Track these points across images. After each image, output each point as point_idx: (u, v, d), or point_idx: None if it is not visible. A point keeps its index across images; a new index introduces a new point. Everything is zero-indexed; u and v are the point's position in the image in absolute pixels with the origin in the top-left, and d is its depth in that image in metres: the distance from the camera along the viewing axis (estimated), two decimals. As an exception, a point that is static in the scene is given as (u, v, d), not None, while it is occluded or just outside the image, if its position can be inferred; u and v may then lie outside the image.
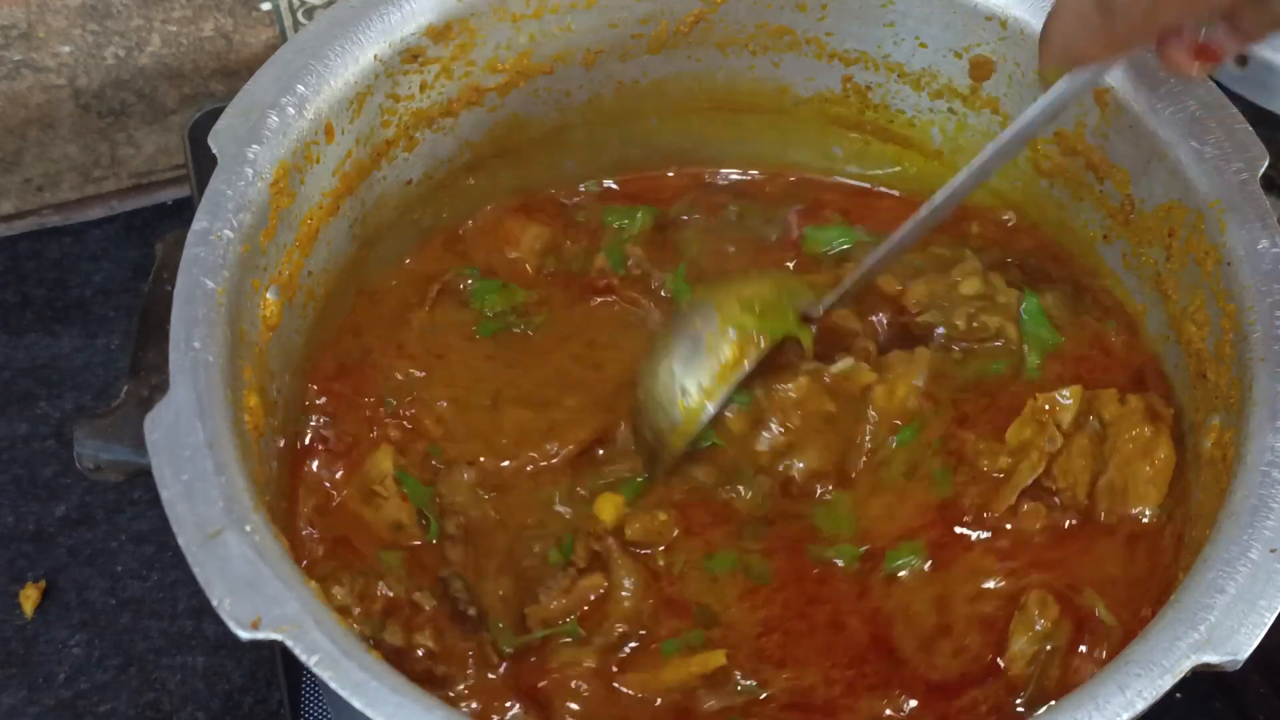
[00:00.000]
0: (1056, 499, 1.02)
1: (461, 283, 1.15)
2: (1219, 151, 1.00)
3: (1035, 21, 1.10)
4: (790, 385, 1.02)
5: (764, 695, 0.95)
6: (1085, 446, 1.02)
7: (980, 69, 1.16)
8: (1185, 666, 0.80)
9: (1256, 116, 1.09)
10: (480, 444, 1.05)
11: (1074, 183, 1.14)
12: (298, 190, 1.03)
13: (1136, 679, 0.79)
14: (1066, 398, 1.02)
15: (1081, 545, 1.00)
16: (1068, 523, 1.01)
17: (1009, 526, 1.01)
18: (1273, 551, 0.84)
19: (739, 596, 1.00)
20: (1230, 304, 0.97)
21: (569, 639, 0.96)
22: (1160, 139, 1.03)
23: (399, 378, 1.09)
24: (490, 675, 0.94)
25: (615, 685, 0.95)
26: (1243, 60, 1.25)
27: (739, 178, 1.26)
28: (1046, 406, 1.02)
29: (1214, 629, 0.81)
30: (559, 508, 1.02)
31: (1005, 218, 1.20)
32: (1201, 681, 0.83)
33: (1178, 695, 0.93)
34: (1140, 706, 0.78)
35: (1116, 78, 1.06)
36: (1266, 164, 1.00)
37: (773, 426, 1.02)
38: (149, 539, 1.28)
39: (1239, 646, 0.80)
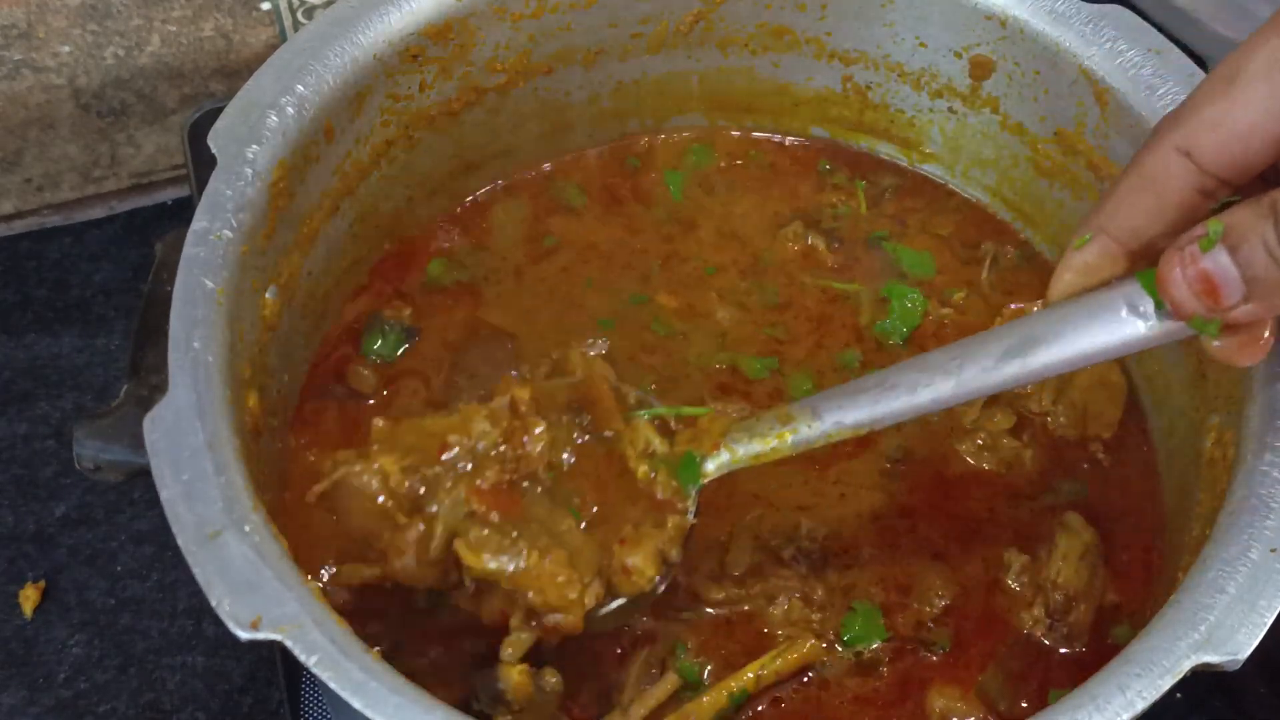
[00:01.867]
0: (1021, 412, 1.08)
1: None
2: (1219, 151, 1.00)
3: (1034, 21, 1.10)
4: None
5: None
6: None
7: (980, 68, 1.16)
8: (1185, 666, 0.80)
9: (1256, 116, 1.09)
10: None
11: (1074, 182, 1.14)
12: (297, 190, 1.03)
13: (1136, 679, 0.79)
14: (1033, 308, 1.05)
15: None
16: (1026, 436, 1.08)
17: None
18: (1273, 551, 0.84)
19: None
20: (1230, 304, 0.97)
21: None
22: (1160, 139, 1.03)
23: None
24: None
25: None
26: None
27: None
28: (1015, 306, 1.07)
29: (1214, 629, 0.81)
30: None
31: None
32: (1201, 681, 0.82)
33: (1178, 695, 0.93)
34: (1140, 706, 0.78)
35: (1116, 78, 1.06)
36: (1266, 163, 0.99)
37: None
38: (149, 539, 1.28)
39: (1239, 646, 0.80)
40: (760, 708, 0.96)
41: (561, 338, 1.11)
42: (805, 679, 0.97)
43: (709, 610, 1.00)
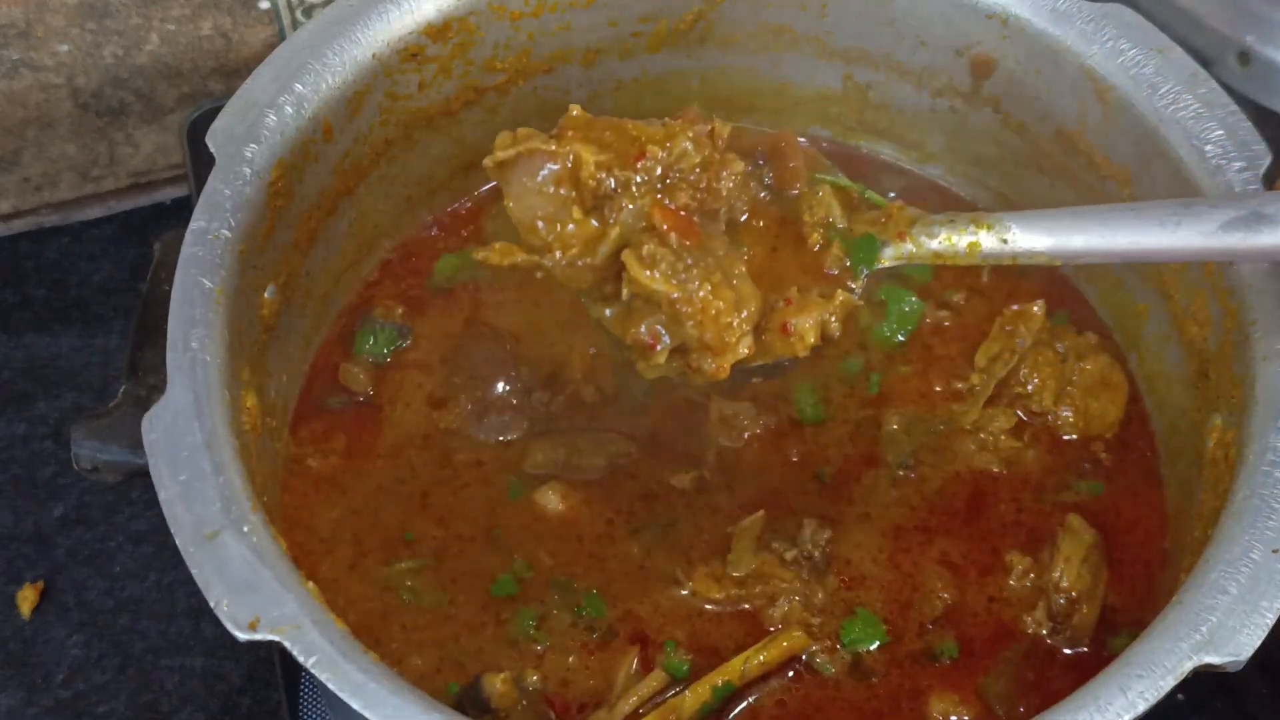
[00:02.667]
0: (1023, 413, 1.08)
1: None
2: (1221, 150, 1.00)
3: (1036, 20, 1.10)
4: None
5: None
6: (1051, 358, 1.08)
7: (981, 67, 1.15)
8: (1187, 667, 0.79)
9: (1259, 115, 1.09)
10: None
11: (1075, 182, 1.14)
12: (296, 190, 1.03)
13: (1138, 680, 0.79)
14: (1034, 309, 1.09)
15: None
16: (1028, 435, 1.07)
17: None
18: (1275, 552, 0.83)
19: None
20: (1232, 303, 0.97)
21: None
22: (1162, 137, 1.03)
23: None
24: None
25: None
26: (1245, 59, 1.25)
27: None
28: (1015, 308, 1.09)
29: (1216, 629, 0.81)
30: None
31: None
32: (1203, 682, 0.82)
33: (1180, 696, 0.93)
34: (1142, 707, 0.78)
35: (1118, 77, 1.06)
36: (1269, 163, 0.99)
37: None
38: (147, 539, 1.27)
39: (1241, 647, 0.80)
40: (752, 701, 0.96)
41: (562, 339, 1.11)
42: (790, 673, 0.96)
43: (708, 607, 0.99)
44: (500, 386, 1.08)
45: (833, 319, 0.90)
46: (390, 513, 1.03)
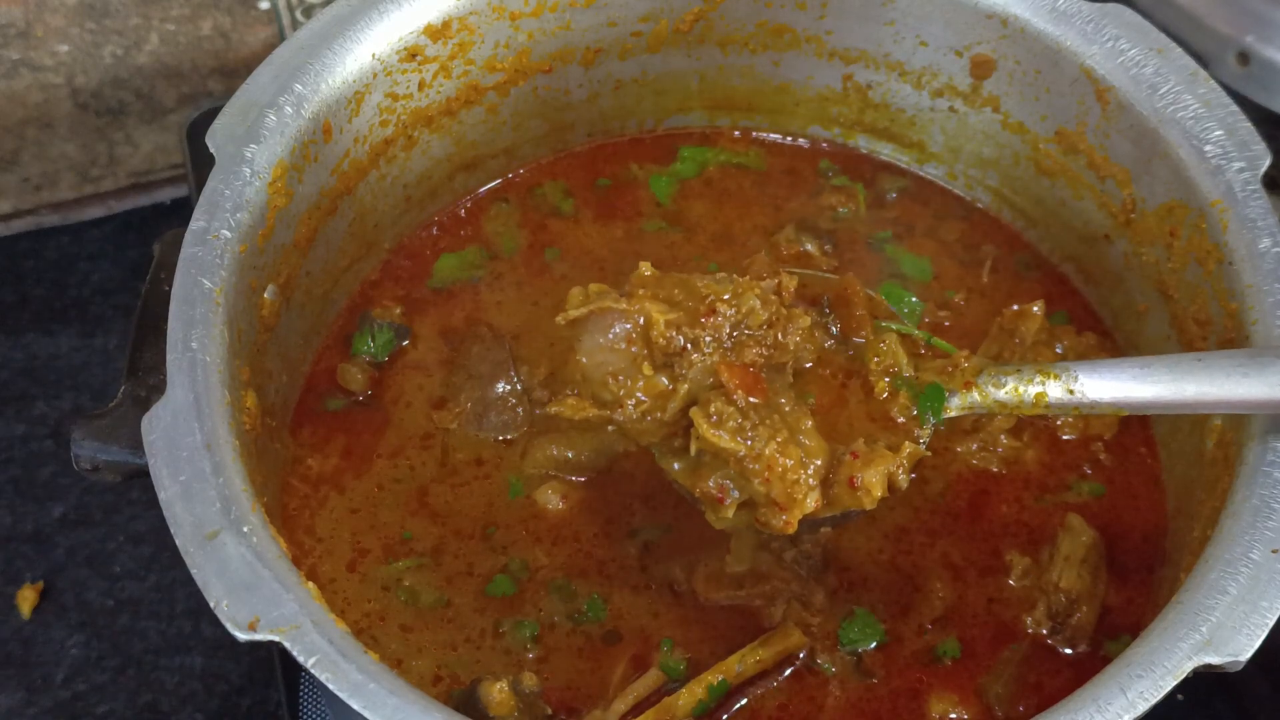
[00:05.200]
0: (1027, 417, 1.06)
1: None
2: (1221, 151, 1.00)
3: (1035, 20, 1.10)
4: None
5: None
6: (1050, 358, 1.08)
7: (981, 67, 1.15)
8: (1187, 668, 0.79)
9: (1259, 116, 1.09)
10: None
11: (1075, 182, 1.14)
12: (295, 190, 1.03)
13: (1138, 680, 0.79)
14: (1033, 309, 1.08)
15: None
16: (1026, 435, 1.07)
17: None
18: (1275, 552, 0.83)
19: None
20: (1232, 303, 0.97)
21: None
22: (1162, 138, 1.03)
23: None
24: None
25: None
26: (1244, 60, 1.25)
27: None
28: (1015, 308, 1.08)
29: (1216, 630, 0.81)
30: None
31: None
32: (1203, 682, 0.82)
33: (1179, 696, 0.93)
34: (1142, 707, 0.78)
35: (1117, 77, 1.06)
36: (1268, 163, 0.99)
37: None
38: (147, 540, 1.27)
39: (1241, 648, 0.80)
40: (752, 700, 0.96)
41: (562, 338, 1.11)
42: (790, 672, 0.96)
43: (707, 608, 0.99)
44: (500, 386, 1.08)
45: (900, 471, 0.90)
46: (390, 512, 1.03)
